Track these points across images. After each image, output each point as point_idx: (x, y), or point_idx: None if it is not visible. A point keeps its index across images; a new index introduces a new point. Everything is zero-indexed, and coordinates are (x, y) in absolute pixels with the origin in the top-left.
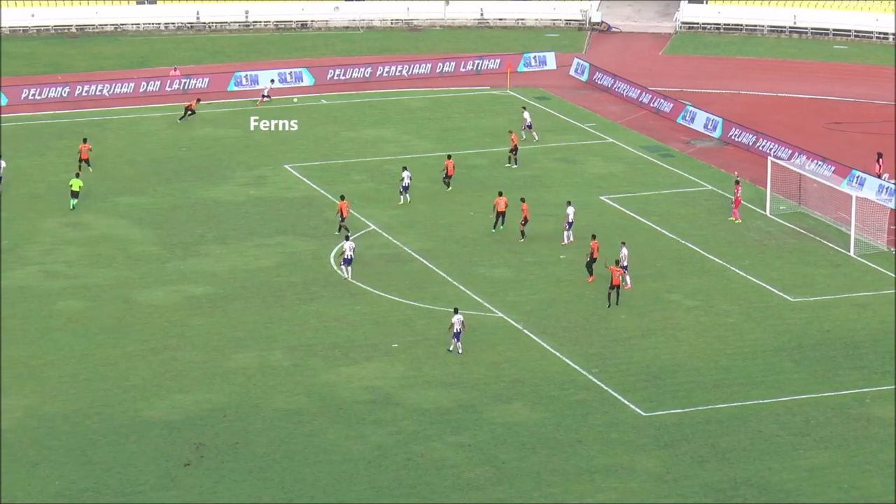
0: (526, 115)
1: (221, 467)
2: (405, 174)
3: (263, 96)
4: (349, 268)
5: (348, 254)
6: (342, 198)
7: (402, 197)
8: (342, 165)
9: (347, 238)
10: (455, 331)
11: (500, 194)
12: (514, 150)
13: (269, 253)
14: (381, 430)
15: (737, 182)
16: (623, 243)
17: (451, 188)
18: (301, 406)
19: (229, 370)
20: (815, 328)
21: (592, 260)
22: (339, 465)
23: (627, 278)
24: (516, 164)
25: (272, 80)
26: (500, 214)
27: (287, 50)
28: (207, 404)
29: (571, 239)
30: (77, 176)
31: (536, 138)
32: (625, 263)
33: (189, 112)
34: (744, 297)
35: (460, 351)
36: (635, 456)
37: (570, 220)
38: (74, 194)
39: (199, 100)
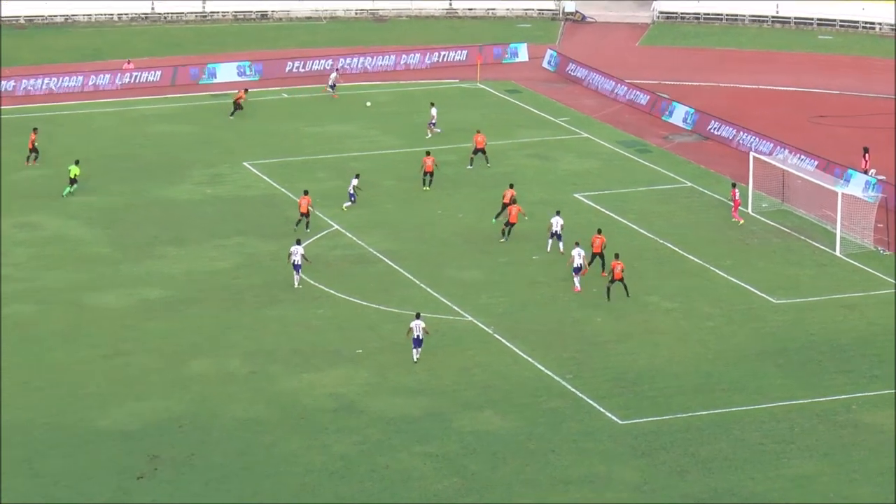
0: (433, 111)
1: (177, 479)
2: (354, 181)
3: (331, 86)
4: (298, 275)
5: (295, 258)
6: (305, 193)
7: (347, 203)
8: (304, 162)
9: (298, 242)
10: (414, 336)
11: (511, 186)
12: (481, 151)
13: (228, 254)
14: (344, 440)
15: (733, 185)
16: (577, 243)
17: (427, 187)
18: (261, 415)
19: (185, 377)
20: (799, 331)
21: (594, 255)
22: (300, 477)
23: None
24: (487, 162)
25: (337, 70)
26: (506, 206)
27: (247, 42)
28: (162, 413)
29: (561, 250)
30: (76, 163)
31: (429, 136)
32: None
33: (237, 107)
34: (725, 298)
35: (415, 360)
36: (612, 466)
37: (555, 231)
38: (72, 181)
39: (246, 90)
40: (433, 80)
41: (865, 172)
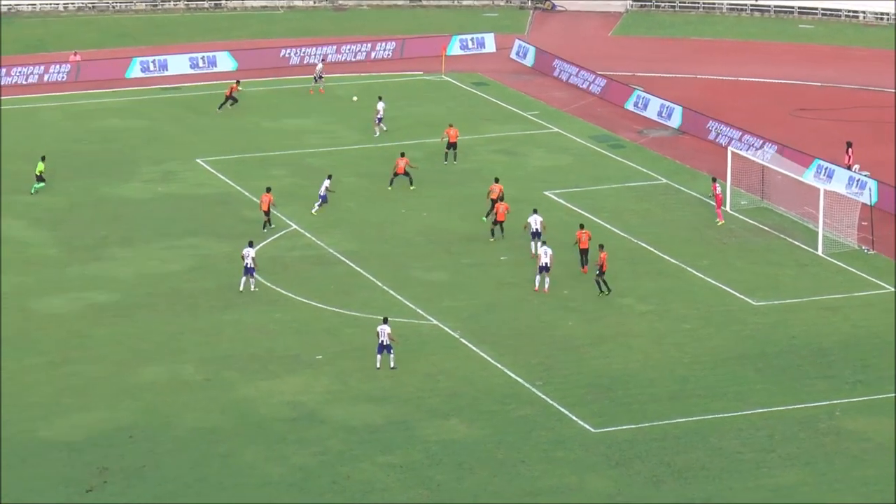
0: (380, 105)
1: (127, 492)
2: (326, 182)
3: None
4: (250, 279)
5: (248, 262)
6: (268, 190)
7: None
8: (260, 159)
9: (251, 244)
10: (381, 343)
11: (497, 181)
12: (453, 145)
13: (180, 256)
14: (304, 451)
15: (713, 180)
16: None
17: (390, 187)
18: (216, 424)
19: (136, 385)
20: (780, 334)
21: (581, 251)
22: (257, 489)
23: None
24: (455, 159)
25: (323, 61)
26: (494, 203)
27: (199, 32)
28: (112, 423)
29: (536, 252)
30: (42, 159)
31: (377, 134)
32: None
33: (230, 100)
34: (702, 300)
35: (378, 366)
36: (584, 476)
37: (535, 229)
38: (39, 177)
39: (238, 82)
40: (396, 72)
41: (849, 168)
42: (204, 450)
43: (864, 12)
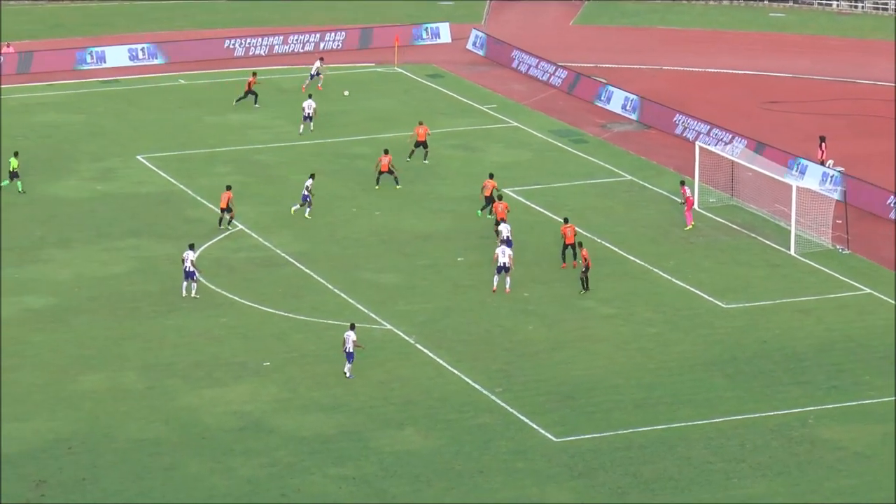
0: (308, 104)
1: None
2: (309, 181)
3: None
4: (192, 283)
5: (187, 265)
6: (228, 188)
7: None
8: (204, 155)
9: (192, 246)
10: (346, 350)
11: (491, 176)
12: (422, 143)
13: (121, 258)
14: (251, 462)
15: (682, 183)
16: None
17: (377, 186)
18: (158, 435)
19: (75, 394)
20: (750, 338)
21: (566, 246)
22: (203, 503)
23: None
24: (426, 158)
25: (321, 59)
26: (490, 200)
27: (139, 22)
28: (49, 434)
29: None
30: (15, 155)
31: (301, 131)
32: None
33: (250, 94)
34: (669, 303)
35: (350, 375)
36: (545, 488)
37: (505, 237)
38: (13, 174)
39: (255, 73)
40: (346, 63)
41: (822, 163)
42: (146, 462)
43: (837, 0)
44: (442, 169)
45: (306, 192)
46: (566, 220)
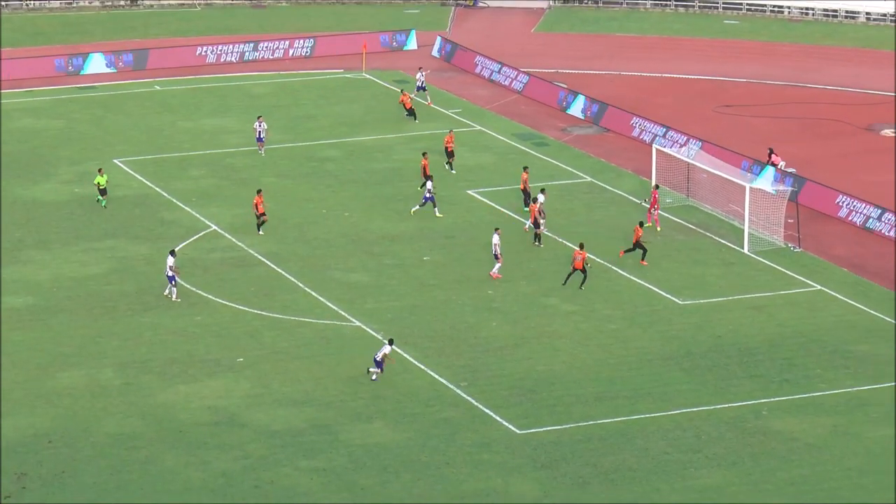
0: (259, 125)
1: (46, 499)
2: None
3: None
4: (172, 287)
5: (167, 270)
6: (259, 192)
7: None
8: (179, 159)
9: (172, 252)
10: (375, 357)
11: (525, 169)
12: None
13: (98, 259)
14: (225, 456)
15: (656, 187)
16: (497, 230)
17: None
18: (135, 429)
19: (54, 391)
20: (706, 334)
21: (574, 270)
22: (178, 496)
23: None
24: (451, 168)
25: (422, 69)
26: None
27: (116, 30)
28: (30, 429)
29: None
30: (100, 172)
31: (262, 152)
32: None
33: (411, 112)
34: (627, 300)
35: (374, 378)
36: (509, 479)
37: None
38: (102, 191)
39: (402, 90)
40: (316, 70)
41: (774, 165)
42: (124, 455)
43: (788, 7)
44: (408, 172)
45: (428, 194)
46: (581, 246)
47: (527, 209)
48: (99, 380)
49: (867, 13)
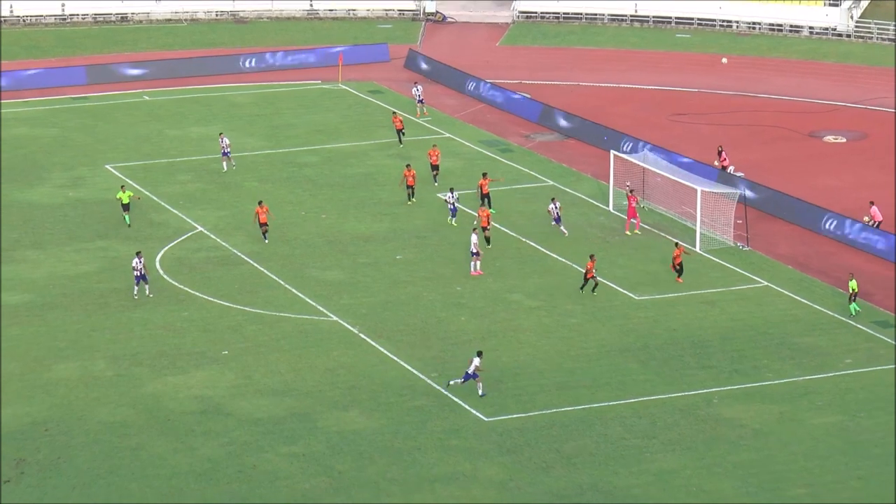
0: (224, 141)
1: (43, 484)
2: (451, 195)
3: (420, 101)
4: (145, 285)
5: (139, 270)
6: (260, 203)
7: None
8: (166, 165)
9: (139, 254)
10: (467, 371)
11: (484, 175)
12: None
13: (90, 258)
14: (211, 442)
15: (630, 191)
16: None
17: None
18: (126, 418)
19: (50, 382)
20: (661, 327)
21: (586, 280)
22: (167, 480)
23: (477, 264)
24: (435, 181)
25: (416, 84)
26: (410, 188)
27: (107, 44)
28: (27, 418)
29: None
30: (122, 189)
31: (225, 169)
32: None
33: (400, 133)
34: (587, 296)
35: (482, 393)
36: (477, 463)
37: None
38: (125, 207)
39: (395, 113)
40: (295, 81)
41: (724, 169)
42: (115, 442)
43: (737, 22)
44: (381, 176)
45: (453, 205)
46: (592, 257)
47: (487, 209)
48: (92, 371)
49: (810, 27)
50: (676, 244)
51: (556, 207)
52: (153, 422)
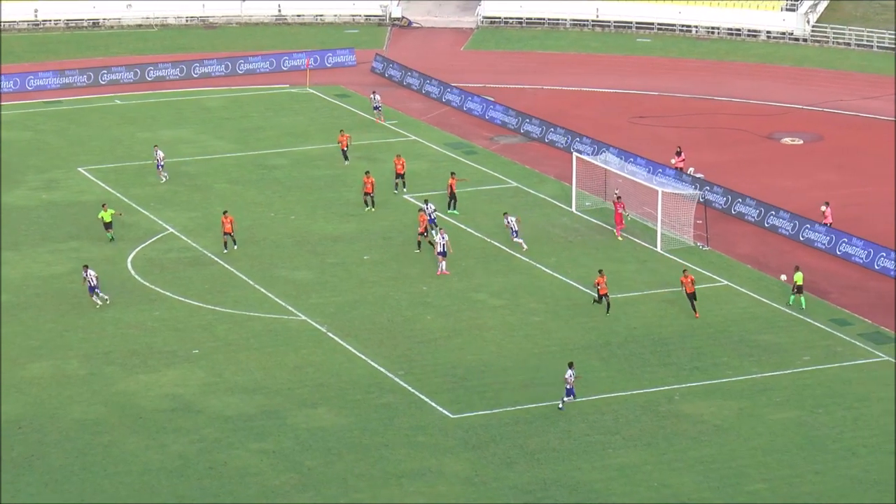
0: (159, 153)
1: (17, 481)
2: (427, 207)
3: (376, 108)
4: (98, 292)
5: (91, 281)
6: (225, 213)
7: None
8: (138, 167)
9: (86, 267)
10: (567, 386)
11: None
12: (401, 175)
13: (63, 259)
14: (182, 439)
15: (617, 198)
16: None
17: (372, 208)
18: (99, 416)
19: (24, 380)
20: (622, 325)
21: (600, 297)
22: (139, 476)
23: (443, 265)
24: (405, 187)
25: (374, 93)
26: (368, 195)
27: (79, 49)
28: (1, 416)
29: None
30: (104, 207)
31: (163, 181)
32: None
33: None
34: (550, 295)
35: (561, 407)
36: (443, 459)
37: (440, 251)
38: (107, 225)
39: (341, 130)
40: (263, 85)
41: (681, 171)
42: (88, 440)
43: (696, 27)
44: (348, 178)
45: (516, 227)
46: (601, 272)
47: (452, 211)
48: (65, 370)
49: (768, 32)
50: (684, 271)
51: (511, 221)
52: (125, 419)
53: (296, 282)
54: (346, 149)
